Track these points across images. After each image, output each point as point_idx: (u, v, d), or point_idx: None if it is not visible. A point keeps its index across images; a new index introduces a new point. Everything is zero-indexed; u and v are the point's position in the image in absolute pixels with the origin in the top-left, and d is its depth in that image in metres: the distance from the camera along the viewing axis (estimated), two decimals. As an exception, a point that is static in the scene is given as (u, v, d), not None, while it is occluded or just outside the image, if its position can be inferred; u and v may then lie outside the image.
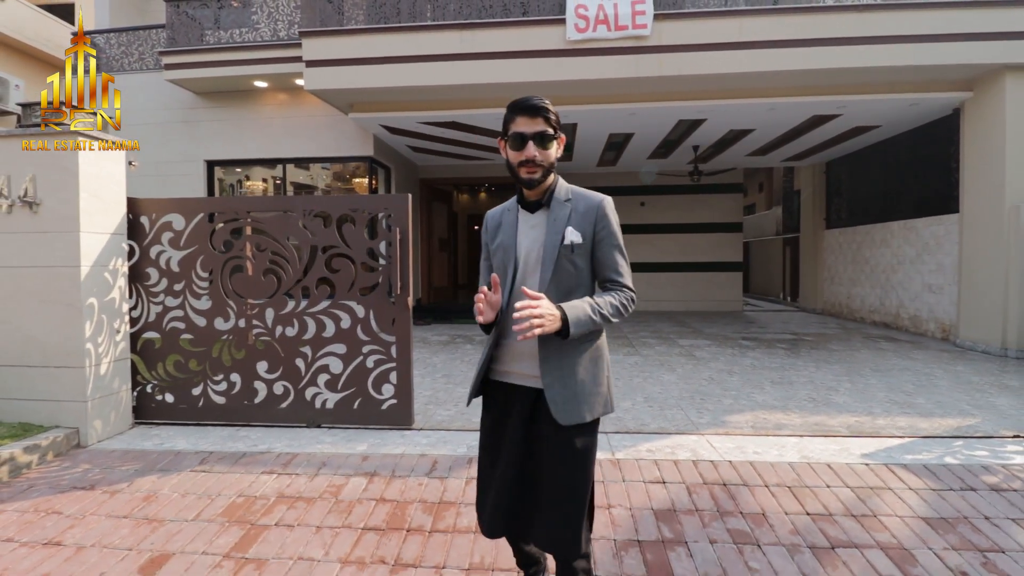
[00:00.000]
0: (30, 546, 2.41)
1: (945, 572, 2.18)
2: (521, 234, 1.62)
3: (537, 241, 1.58)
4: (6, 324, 3.47)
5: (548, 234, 1.56)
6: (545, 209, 1.60)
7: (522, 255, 1.60)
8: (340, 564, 2.24)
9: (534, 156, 1.52)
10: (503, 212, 1.70)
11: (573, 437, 1.52)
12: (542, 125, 1.53)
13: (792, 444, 3.34)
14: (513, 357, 1.59)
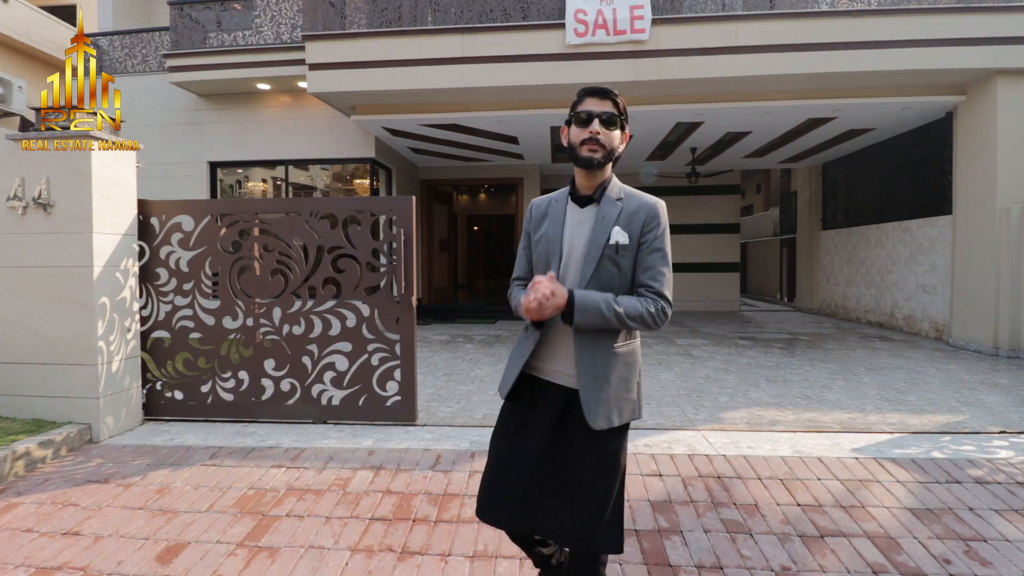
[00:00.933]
0: (49, 536, 2.50)
1: (929, 560, 2.28)
2: (567, 228, 1.58)
3: (582, 237, 1.55)
4: (20, 323, 3.56)
5: (594, 231, 1.53)
6: (595, 205, 1.56)
7: (566, 249, 1.56)
8: (350, 552, 2.34)
9: (599, 133, 1.48)
10: (550, 202, 1.66)
11: (602, 440, 1.50)
12: (610, 107, 1.50)
13: (785, 439, 3.44)
14: (551, 355, 1.58)
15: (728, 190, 11.76)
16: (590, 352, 1.51)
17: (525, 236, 1.72)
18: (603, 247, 1.50)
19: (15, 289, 3.54)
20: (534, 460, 1.52)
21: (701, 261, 11.67)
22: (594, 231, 1.53)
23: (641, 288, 1.52)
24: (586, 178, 1.56)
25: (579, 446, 1.51)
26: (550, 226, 1.60)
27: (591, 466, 1.50)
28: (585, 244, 1.54)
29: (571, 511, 1.49)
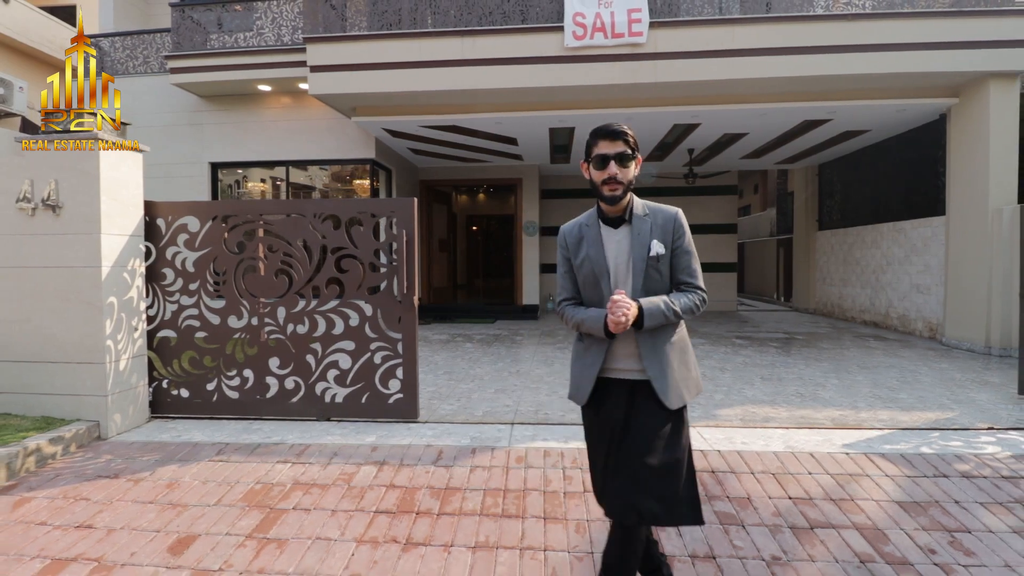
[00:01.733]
0: (63, 529, 2.58)
1: (915, 550, 2.36)
2: (607, 248, 1.79)
3: (623, 253, 1.77)
4: (29, 322, 3.63)
5: (634, 247, 1.75)
6: (627, 224, 1.78)
7: (612, 266, 1.78)
8: (356, 543, 2.42)
9: (615, 174, 1.71)
10: (581, 227, 1.86)
11: (673, 416, 1.73)
12: (622, 147, 1.72)
13: (778, 435, 3.53)
14: (615, 356, 1.79)
15: (725, 191, 11.85)
16: (651, 347, 1.74)
17: (564, 261, 1.90)
18: (646, 260, 1.74)
19: (24, 289, 3.61)
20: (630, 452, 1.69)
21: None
22: (634, 247, 1.76)
23: (682, 285, 1.79)
24: (611, 207, 1.78)
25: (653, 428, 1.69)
26: (591, 249, 1.80)
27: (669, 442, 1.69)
28: (627, 259, 1.77)
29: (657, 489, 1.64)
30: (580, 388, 1.84)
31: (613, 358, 1.79)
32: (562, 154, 10.04)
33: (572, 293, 1.90)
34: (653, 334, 1.74)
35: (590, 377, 1.80)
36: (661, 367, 1.73)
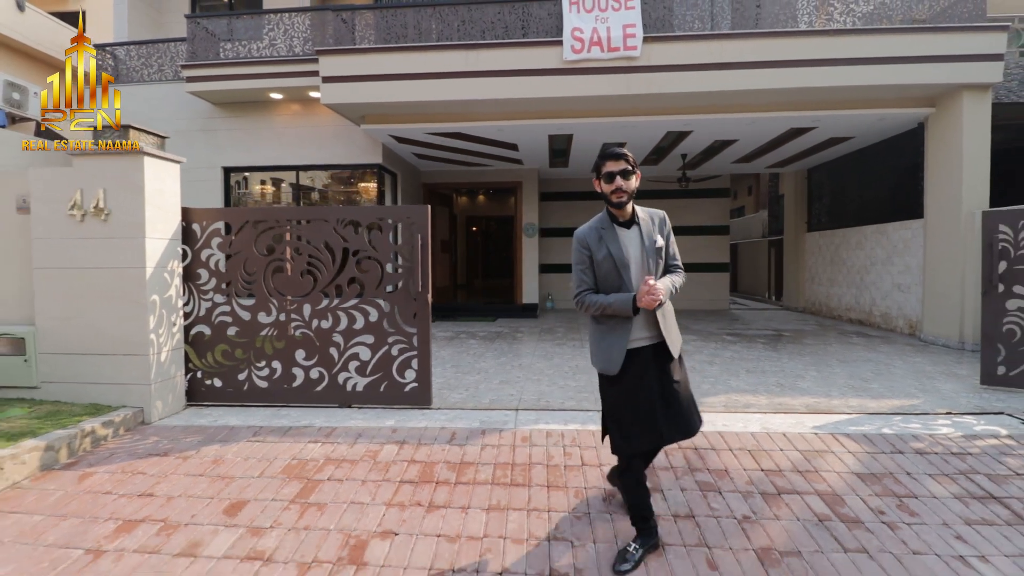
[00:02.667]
0: (127, 497, 2.96)
1: (867, 511, 2.76)
2: (624, 245, 2.32)
3: (638, 248, 2.33)
4: (79, 318, 4.00)
5: (646, 243, 2.33)
6: (636, 226, 2.35)
7: (630, 259, 2.31)
8: (385, 506, 2.80)
9: (621, 186, 2.27)
10: (598, 230, 2.36)
11: (679, 364, 2.43)
12: (624, 165, 2.29)
13: (756, 419, 3.93)
14: (635, 330, 2.34)
15: (718, 193, 12.26)
16: (664, 319, 2.36)
17: (585, 259, 2.38)
18: (656, 251, 2.34)
19: (75, 288, 3.99)
20: (651, 399, 2.31)
21: (692, 262, 12.15)
22: (645, 243, 2.33)
23: (671, 267, 2.45)
24: (621, 212, 2.34)
25: (670, 375, 2.36)
26: (612, 246, 2.32)
27: (682, 381, 2.41)
28: (642, 252, 2.32)
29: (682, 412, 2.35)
30: (612, 360, 2.33)
31: (634, 332, 2.33)
32: (561, 158, 10.42)
33: (591, 284, 2.38)
34: (664, 311, 2.37)
35: (621, 349, 2.31)
36: (670, 331, 2.37)
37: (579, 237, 2.40)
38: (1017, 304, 4.71)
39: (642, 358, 2.33)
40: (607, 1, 6.85)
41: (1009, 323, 4.73)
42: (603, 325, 2.38)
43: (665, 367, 2.36)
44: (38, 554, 2.47)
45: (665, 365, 2.36)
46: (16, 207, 4.21)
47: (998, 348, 4.80)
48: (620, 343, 2.31)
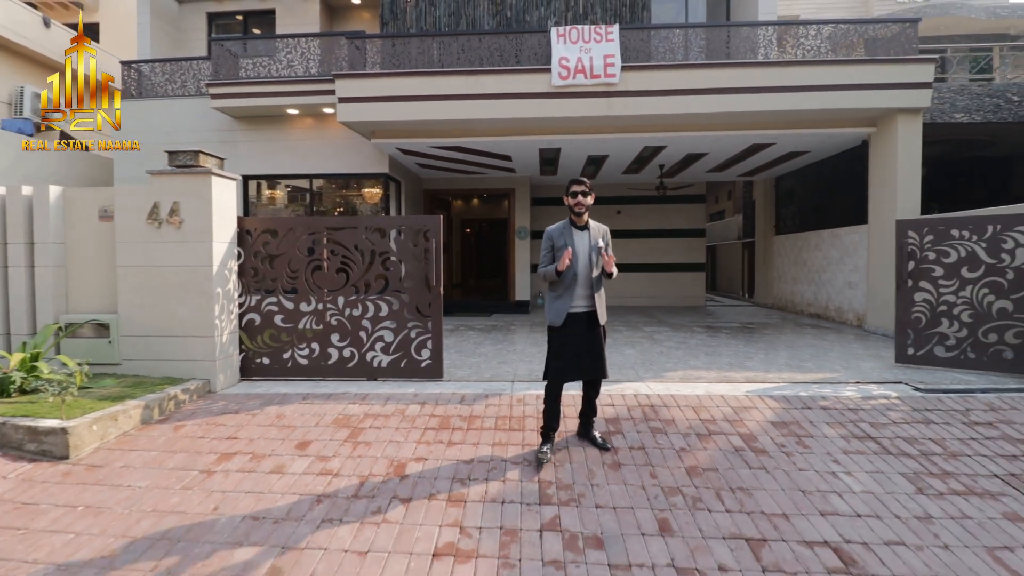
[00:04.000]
0: (217, 439, 3.88)
1: (772, 445, 3.75)
2: (576, 242, 3.52)
3: (585, 246, 3.54)
4: (155, 307, 4.91)
5: (591, 243, 3.53)
6: (587, 231, 3.57)
7: (579, 252, 3.50)
8: (416, 443, 3.76)
9: (580, 200, 3.49)
10: (562, 230, 3.57)
11: (602, 329, 3.56)
12: (584, 187, 3.50)
13: (703, 386, 4.92)
14: (576, 299, 3.53)
15: (694, 199, 13.30)
16: (594, 295, 3.56)
17: (549, 247, 3.61)
18: (596, 249, 3.52)
19: (153, 282, 4.89)
20: (579, 346, 3.53)
21: (670, 262, 13.21)
22: (591, 243, 3.55)
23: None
24: (579, 219, 3.55)
25: (595, 334, 3.55)
26: (568, 241, 3.53)
27: (599, 340, 3.55)
28: (588, 249, 3.54)
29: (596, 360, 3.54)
30: (559, 316, 3.54)
31: (575, 301, 3.54)
32: (550, 167, 11.39)
33: (548, 262, 3.60)
34: (599, 292, 3.59)
35: (564, 311, 3.52)
36: (600, 306, 3.59)
37: (548, 232, 3.62)
38: (923, 296, 5.75)
39: (578, 319, 3.54)
40: (590, 34, 7.84)
41: (916, 312, 5.78)
42: (555, 294, 3.57)
43: (592, 329, 3.55)
44: (165, 474, 3.40)
45: (593, 327, 3.55)
46: (99, 216, 5.11)
47: (908, 333, 5.84)
48: (565, 306, 3.51)
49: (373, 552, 2.63)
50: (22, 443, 3.60)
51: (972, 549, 2.76)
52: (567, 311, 3.51)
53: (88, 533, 2.79)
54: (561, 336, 3.55)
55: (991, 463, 3.59)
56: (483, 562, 2.57)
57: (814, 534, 2.83)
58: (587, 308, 3.56)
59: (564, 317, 3.51)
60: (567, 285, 3.52)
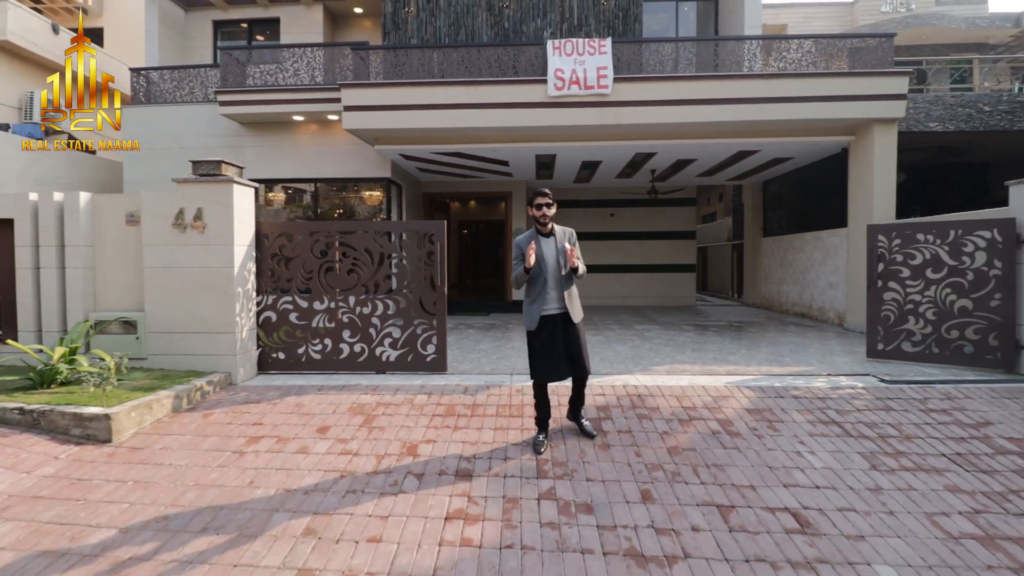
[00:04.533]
0: (244, 425, 4.27)
1: (746, 428, 4.17)
2: (544, 248, 3.76)
3: (552, 250, 3.77)
4: (179, 305, 5.28)
5: (557, 248, 3.77)
6: (552, 237, 3.80)
7: (546, 257, 3.74)
8: (425, 427, 4.16)
9: (545, 212, 3.74)
10: (530, 237, 3.75)
11: (580, 328, 3.79)
12: (548, 199, 3.75)
13: (687, 378, 5.34)
14: (549, 302, 3.75)
15: (685, 203, 13.75)
16: (569, 298, 3.79)
17: (519, 255, 3.78)
18: (563, 252, 3.74)
19: (177, 282, 5.27)
20: (557, 348, 3.74)
21: (662, 263, 13.65)
22: (557, 248, 3.78)
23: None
24: (544, 228, 3.80)
25: (572, 334, 3.77)
26: (538, 248, 3.75)
27: (579, 339, 3.77)
28: (555, 253, 3.74)
29: (574, 358, 3.77)
30: (533, 320, 3.77)
31: (547, 304, 3.77)
32: (546, 170, 11.80)
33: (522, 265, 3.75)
34: (570, 291, 3.80)
35: (537, 314, 3.75)
36: (572, 305, 3.80)
37: (517, 241, 3.82)
38: (891, 296, 6.20)
39: (553, 321, 3.75)
40: (584, 47, 8.26)
41: (886, 310, 6.22)
42: (529, 299, 3.79)
43: (568, 329, 3.77)
44: (201, 454, 3.79)
45: (569, 327, 3.77)
46: (125, 220, 5.49)
47: (878, 330, 6.28)
48: (538, 310, 3.75)
49: (393, 517, 3.03)
50: (68, 428, 3.98)
51: (913, 515, 3.19)
52: (540, 314, 3.73)
53: (141, 503, 3.18)
54: (538, 339, 3.76)
55: (940, 444, 4.03)
56: (489, 524, 2.97)
57: (776, 502, 3.25)
58: (559, 310, 3.76)
59: (538, 321, 3.73)
60: (539, 290, 3.73)
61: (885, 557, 2.83)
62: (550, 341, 3.74)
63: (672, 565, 2.70)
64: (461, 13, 10.60)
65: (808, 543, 2.90)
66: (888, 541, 2.95)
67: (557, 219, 14.61)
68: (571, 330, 3.77)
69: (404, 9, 10.67)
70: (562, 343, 3.74)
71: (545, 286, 3.74)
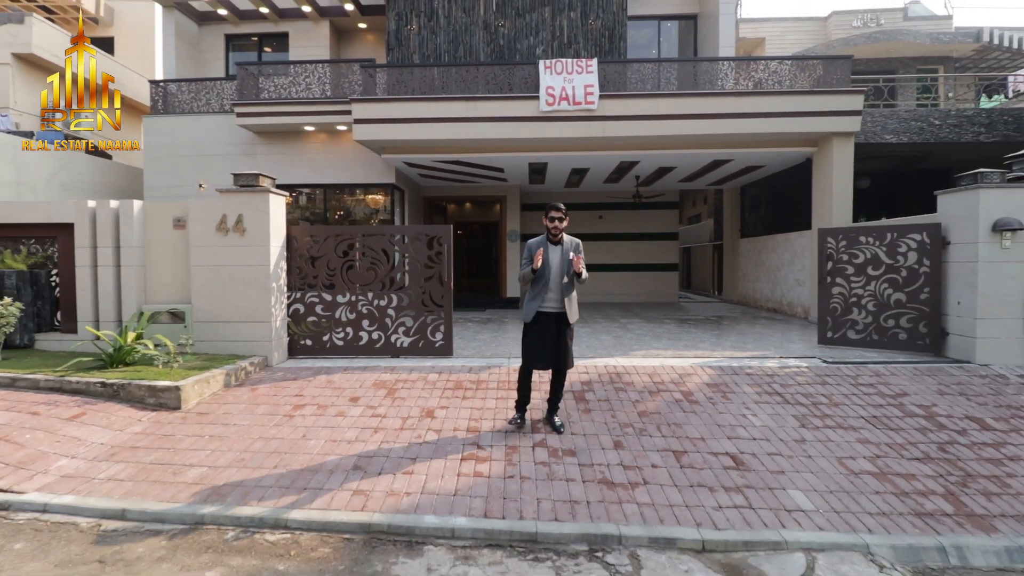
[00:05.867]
0: (288, 396, 5.11)
1: (704, 398, 5.07)
2: (551, 255, 4.22)
3: (558, 257, 4.22)
4: (222, 298, 6.10)
5: (563, 256, 4.22)
6: (560, 245, 4.27)
7: (552, 264, 4.21)
8: (439, 397, 5.02)
9: (557, 225, 4.22)
10: (540, 243, 4.23)
11: (571, 328, 4.34)
12: (560, 213, 4.21)
13: (659, 360, 6.24)
14: (547, 300, 4.22)
15: (668, 206, 14.69)
16: (566, 298, 4.28)
17: (529, 256, 4.26)
18: (568, 262, 4.22)
19: (222, 278, 6.09)
20: (548, 341, 4.28)
21: (646, 262, 14.59)
22: (563, 256, 4.27)
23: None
24: (555, 237, 4.30)
25: (563, 332, 4.31)
26: (546, 254, 4.24)
27: (567, 337, 4.32)
28: (560, 260, 4.26)
29: (560, 354, 4.30)
30: (529, 314, 4.30)
31: (545, 303, 4.27)
32: (539, 175, 12.67)
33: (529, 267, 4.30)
34: (568, 293, 4.28)
35: (535, 309, 4.28)
36: (569, 305, 4.31)
37: (529, 245, 4.31)
38: (838, 290, 7.13)
39: (548, 317, 4.25)
40: (572, 66, 9.15)
41: (833, 303, 7.16)
42: (530, 295, 4.28)
43: (561, 327, 4.27)
44: (258, 417, 4.63)
45: (562, 326, 4.27)
46: (173, 225, 6.30)
47: (828, 320, 7.22)
48: (536, 306, 4.26)
49: (420, 459, 3.90)
50: (144, 398, 4.81)
51: (827, 458, 4.10)
52: (537, 310, 4.21)
53: (219, 450, 4.03)
54: (532, 331, 4.27)
55: (861, 409, 4.94)
56: (495, 463, 3.85)
57: (720, 448, 4.15)
58: (557, 309, 4.22)
59: (535, 315, 4.21)
60: (540, 289, 4.18)
61: (798, 484, 3.74)
62: (543, 335, 4.23)
63: (634, 488, 3.60)
64: (460, 31, 11.45)
65: (740, 475, 3.81)
66: (803, 475, 3.86)
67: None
68: (564, 329, 4.27)
69: (407, 27, 11.51)
70: (552, 338, 4.24)
71: (546, 287, 4.20)
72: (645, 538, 3.10)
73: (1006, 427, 4.57)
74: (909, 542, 3.16)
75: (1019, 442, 4.34)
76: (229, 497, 3.38)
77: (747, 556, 3.03)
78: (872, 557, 3.07)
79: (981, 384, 5.44)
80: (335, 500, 3.37)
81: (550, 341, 4.26)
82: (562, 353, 4.29)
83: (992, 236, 5.95)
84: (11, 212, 6.34)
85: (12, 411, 4.41)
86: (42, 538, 3.03)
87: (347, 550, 2.95)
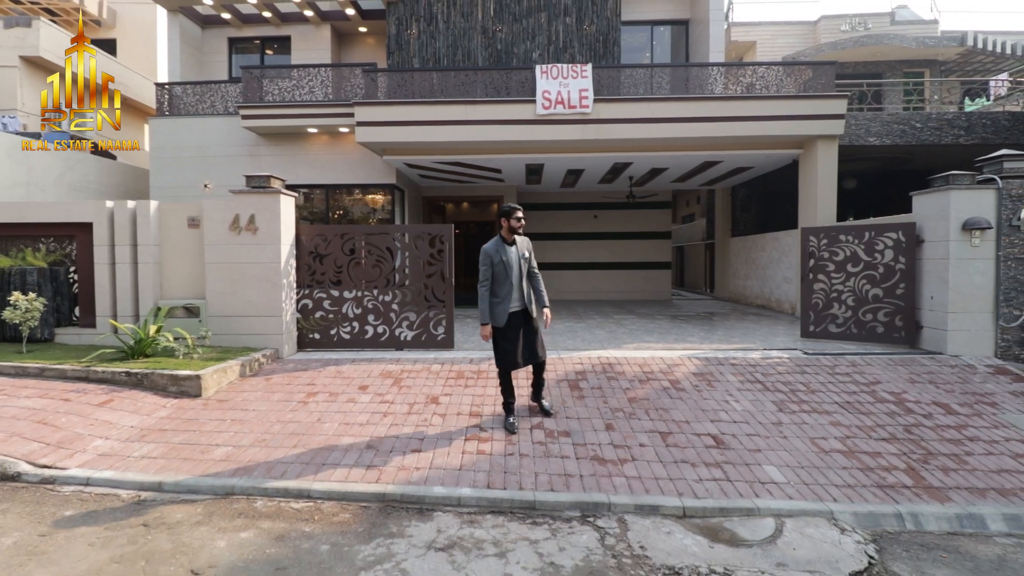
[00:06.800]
0: (300, 385, 5.44)
1: (690, 386, 5.43)
2: (509, 255, 4.43)
3: (516, 258, 4.45)
4: (235, 293, 6.42)
5: (519, 255, 4.49)
6: (515, 245, 4.51)
7: (513, 264, 4.44)
8: (442, 386, 5.37)
9: (521, 224, 4.54)
10: (497, 246, 4.41)
11: (536, 321, 4.63)
12: (521, 213, 4.54)
13: (649, 352, 6.60)
14: (512, 302, 4.41)
15: (661, 206, 15.06)
16: (528, 298, 4.58)
17: (488, 263, 4.42)
18: (523, 260, 4.55)
19: (234, 275, 6.41)
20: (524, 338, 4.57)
21: (640, 261, 14.96)
22: (519, 255, 4.53)
23: (531, 271, 4.64)
24: (510, 237, 4.53)
25: (531, 327, 4.59)
26: (504, 256, 4.44)
27: (534, 330, 4.60)
28: (517, 260, 4.50)
29: (533, 348, 4.59)
30: (500, 318, 4.40)
31: (512, 304, 4.42)
32: (535, 176, 13.02)
33: (487, 279, 4.42)
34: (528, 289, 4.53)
35: (505, 312, 4.40)
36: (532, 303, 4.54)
37: (485, 250, 4.41)
38: (820, 286, 7.52)
39: (516, 316, 4.44)
40: (568, 71, 9.49)
41: (815, 298, 7.54)
42: (496, 299, 4.42)
43: (528, 323, 4.50)
44: (274, 404, 4.97)
45: (528, 322, 4.49)
46: (187, 224, 6.62)
47: (810, 315, 7.60)
48: (505, 309, 4.40)
49: (427, 438, 4.24)
50: (166, 386, 5.13)
51: (800, 439, 4.47)
52: (508, 312, 4.37)
53: (241, 432, 4.36)
54: (503, 333, 4.41)
55: (836, 396, 5.31)
56: (496, 442, 4.20)
57: (703, 430, 4.51)
58: (521, 307, 4.45)
59: (506, 318, 4.37)
60: (506, 292, 4.38)
61: (772, 461, 4.10)
62: (515, 335, 4.42)
63: (623, 464, 3.95)
64: (459, 35, 11.78)
65: (720, 453, 4.17)
66: (778, 453, 4.23)
67: (546, 221, 16.03)
68: (531, 324, 4.49)
69: (407, 31, 11.84)
70: (524, 335, 4.45)
71: (511, 290, 4.38)
72: (632, 505, 3.46)
73: (969, 412, 4.95)
74: (870, 509, 3.53)
75: (979, 425, 4.72)
76: (255, 471, 3.72)
77: (723, 521, 3.39)
78: (835, 522, 3.43)
79: (950, 373, 5.82)
80: (351, 474, 3.71)
81: (524, 338, 4.49)
82: (536, 346, 4.53)
83: (963, 235, 6.33)
84: (32, 212, 6.65)
85: (45, 397, 4.73)
86: (88, 507, 3.36)
87: (365, 515, 3.29)
